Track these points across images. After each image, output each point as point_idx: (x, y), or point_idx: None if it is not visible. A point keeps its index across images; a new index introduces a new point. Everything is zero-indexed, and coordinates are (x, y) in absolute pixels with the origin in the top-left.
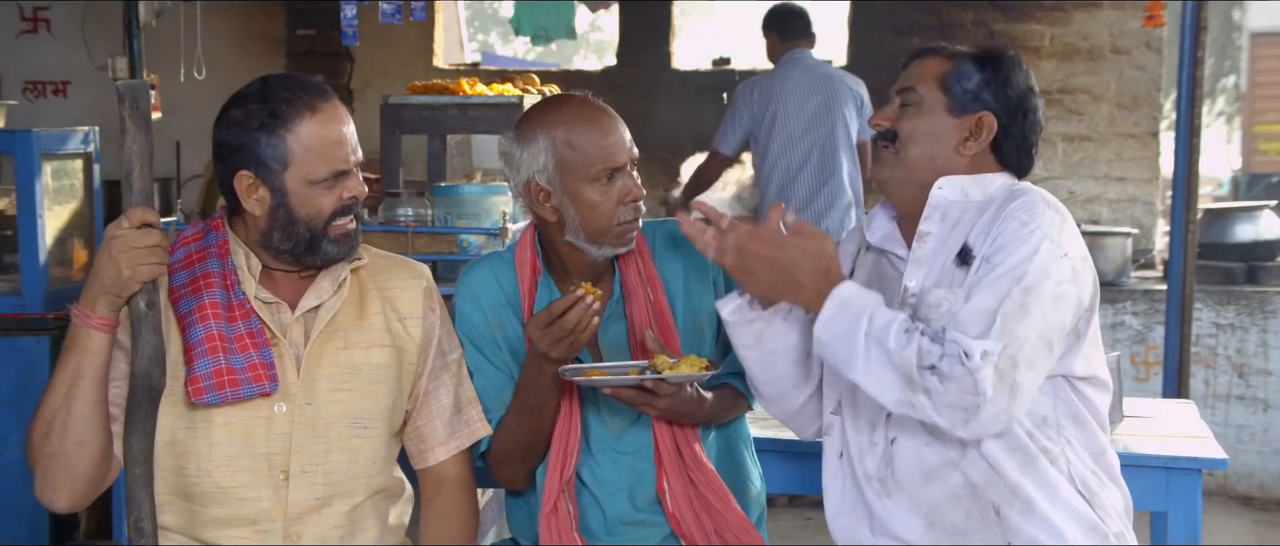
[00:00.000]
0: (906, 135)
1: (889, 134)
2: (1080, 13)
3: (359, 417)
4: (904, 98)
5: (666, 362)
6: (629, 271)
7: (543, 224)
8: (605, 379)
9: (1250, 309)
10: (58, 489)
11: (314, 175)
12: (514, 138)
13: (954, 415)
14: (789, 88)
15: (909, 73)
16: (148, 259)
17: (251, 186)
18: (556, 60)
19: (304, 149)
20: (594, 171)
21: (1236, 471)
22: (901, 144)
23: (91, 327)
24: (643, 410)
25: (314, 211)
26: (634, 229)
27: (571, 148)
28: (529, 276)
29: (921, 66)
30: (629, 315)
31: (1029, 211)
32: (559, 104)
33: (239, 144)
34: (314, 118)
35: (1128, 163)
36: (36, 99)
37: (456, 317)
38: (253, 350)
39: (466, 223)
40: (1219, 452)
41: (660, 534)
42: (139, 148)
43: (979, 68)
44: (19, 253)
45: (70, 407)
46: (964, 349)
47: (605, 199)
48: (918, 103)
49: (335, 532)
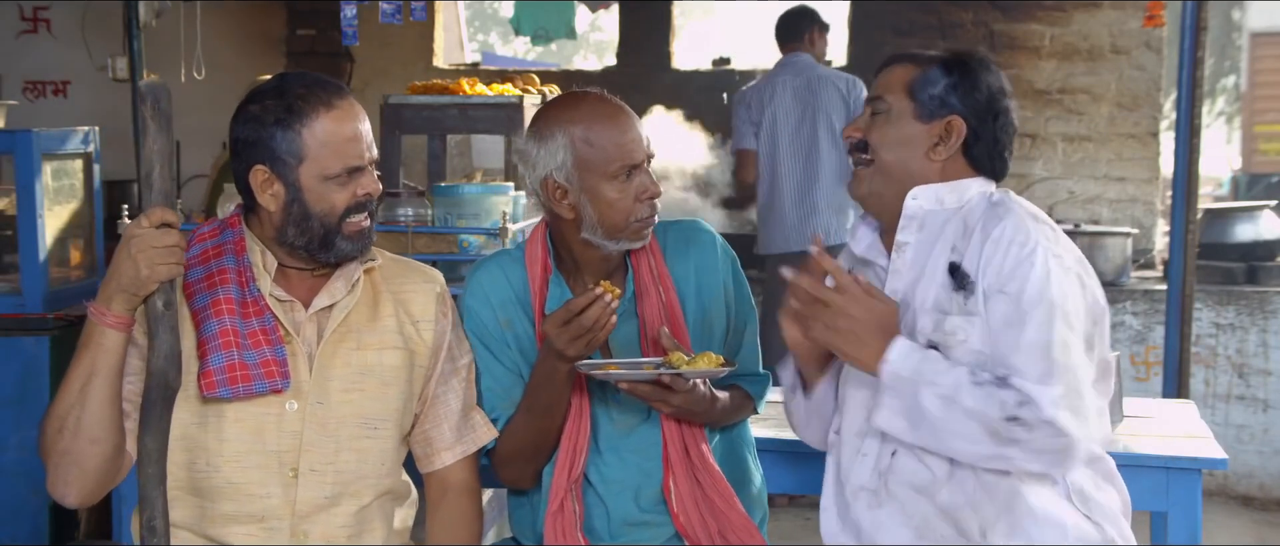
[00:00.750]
0: (876, 144)
1: (861, 145)
2: (1080, 13)
3: (370, 418)
4: (874, 107)
5: (682, 359)
6: (642, 269)
7: (557, 221)
8: (623, 373)
9: (1250, 309)
10: (69, 484)
11: (328, 170)
12: (531, 135)
13: (1049, 459)
14: (777, 92)
15: (877, 82)
16: (166, 259)
17: (266, 181)
18: (556, 60)
19: (319, 144)
20: (612, 168)
21: (1236, 471)
22: (872, 153)
23: (107, 325)
24: (656, 407)
25: (328, 207)
26: (650, 225)
27: (590, 145)
28: (540, 274)
29: (889, 75)
30: (640, 314)
31: (1021, 232)
32: (577, 101)
33: (255, 139)
34: (329, 114)
35: (1128, 163)
36: (36, 99)
37: (465, 315)
38: (266, 346)
39: (466, 222)
40: (1219, 452)
41: (664, 534)
42: (159, 148)
43: (945, 72)
44: (19, 253)
45: (84, 404)
46: (1034, 399)
47: (623, 196)
48: (886, 111)
49: (342, 532)
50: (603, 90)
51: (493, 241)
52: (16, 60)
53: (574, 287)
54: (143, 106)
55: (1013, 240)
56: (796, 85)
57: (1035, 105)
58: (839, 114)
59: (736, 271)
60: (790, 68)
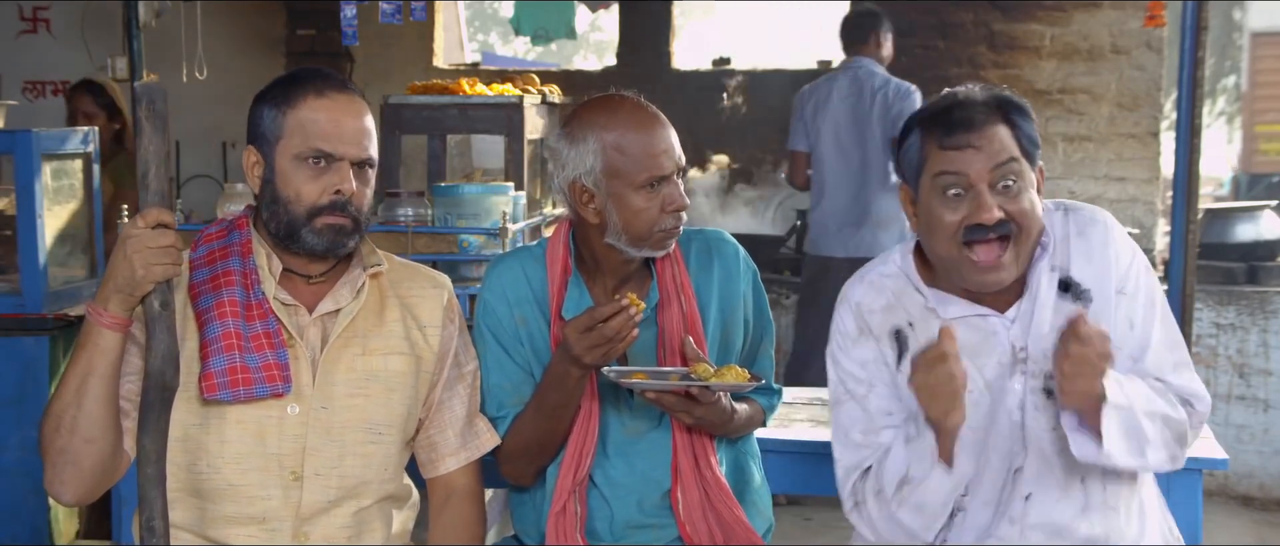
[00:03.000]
0: (1022, 216)
1: (1002, 227)
2: (1080, 13)
3: (375, 423)
4: (1001, 175)
5: (708, 371)
6: (665, 277)
7: (582, 224)
8: (650, 383)
9: (1250, 309)
10: (65, 483)
11: (297, 149)
12: (563, 135)
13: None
14: (831, 96)
15: (983, 152)
16: (161, 259)
17: (255, 163)
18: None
19: (297, 125)
20: (640, 179)
21: (1236, 471)
22: (1019, 228)
23: (104, 326)
24: (679, 418)
25: (293, 194)
26: (675, 235)
27: (621, 153)
28: (559, 275)
29: (995, 139)
30: (660, 322)
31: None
32: (614, 106)
33: (255, 119)
34: (318, 100)
35: (1128, 163)
36: (36, 99)
37: (480, 310)
38: (268, 350)
39: (466, 223)
40: (1219, 452)
41: (667, 536)
42: (155, 148)
43: (1028, 117)
44: (19, 253)
45: (80, 404)
46: (1198, 393)
47: (649, 206)
48: (1016, 177)
49: (343, 533)
50: (639, 95)
51: (492, 241)
52: (16, 60)
53: (593, 290)
54: (138, 107)
55: (1107, 241)
56: (850, 92)
57: (1035, 105)
58: (883, 126)
59: (757, 284)
60: (849, 72)
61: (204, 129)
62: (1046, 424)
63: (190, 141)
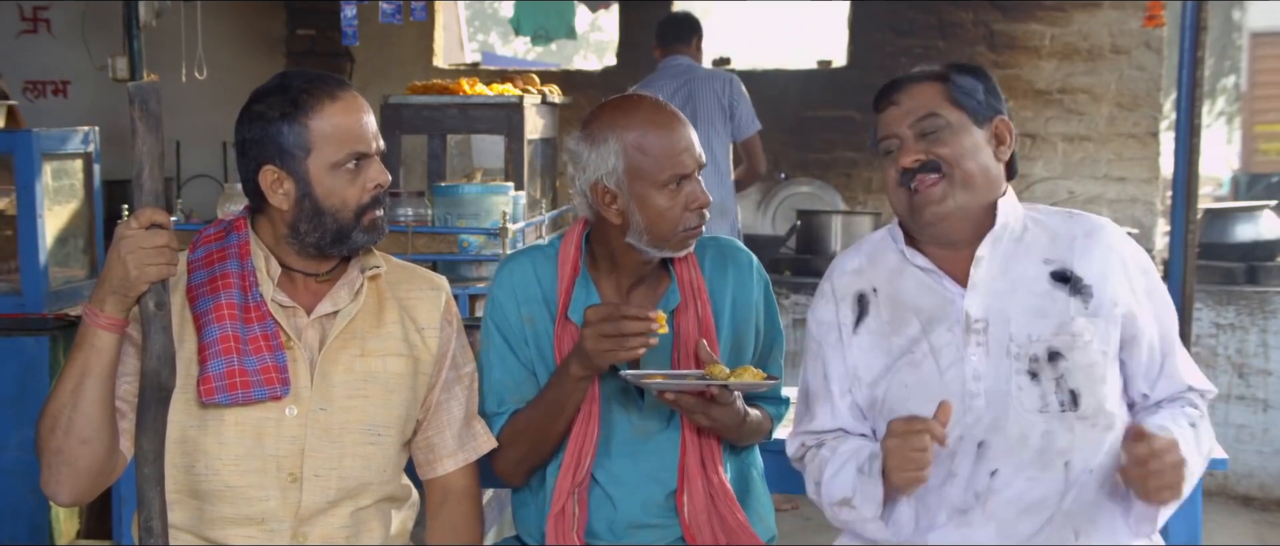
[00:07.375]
0: (955, 157)
1: (932, 164)
2: (1080, 13)
3: (374, 425)
4: (924, 126)
5: (723, 372)
6: (683, 281)
7: (601, 224)
8: (667, 383)
9: (1250, 309)
10: (62, 483)
11: (334, 158)
12: (582, 137)
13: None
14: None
15: (903, 107)
16: (155, 259)
17: (277, 180)
18: (556, 60)
19: (325, 134)
20: (663, 178)
21: (1236, 471)
22: (951, 167)
23: (99, 327)
24: (694, 419)
25: (339, 203)
26: (697, 234)
27: (642, 153)
28: (568, 275)
29: (918, 95)
30: (676, 325)
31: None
32: (632, 106)
33: (261, 137)
34: (334, 104)
35: (1128, 163)
36: (36, 99)
37: (490, 306)
38: (266, 352)
39: (466, 223)
40: (1219, 452)
41: (669, 536)
42: (149, 148)
43: (973, 77)
44: (19, 253)
45: (76, 404)
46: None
47: (672, 205)
48: (946, 125)
49: (341, 533)
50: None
51: (492, 241)
52: (16, 60)
53: (602, 291)
54: (132, 107)
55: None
56: (677, 88)
57: (1035, 105)
58: (719, 115)
59: (768, 293)
60: (665, 71)
61: (204, 129)
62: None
63: (190, 141)
